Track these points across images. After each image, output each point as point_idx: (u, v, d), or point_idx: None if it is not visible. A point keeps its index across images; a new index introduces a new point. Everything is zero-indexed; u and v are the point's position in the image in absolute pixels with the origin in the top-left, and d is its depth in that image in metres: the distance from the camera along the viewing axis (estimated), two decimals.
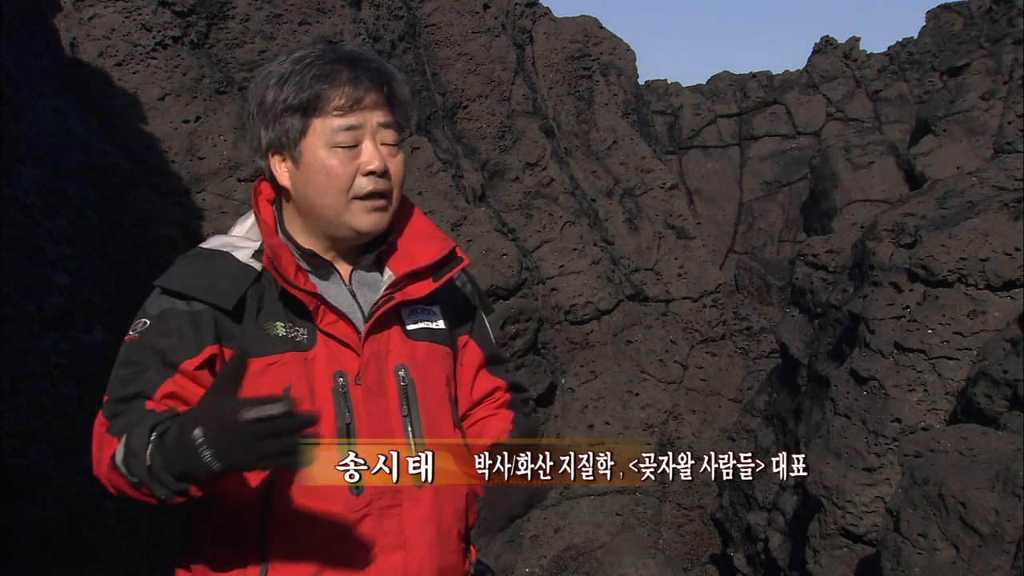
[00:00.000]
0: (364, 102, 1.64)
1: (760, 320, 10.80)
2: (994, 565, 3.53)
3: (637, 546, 8.27)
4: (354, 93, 1.63)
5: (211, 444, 1.38)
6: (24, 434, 3.32)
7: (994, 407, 4.54)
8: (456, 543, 1.72)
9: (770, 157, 17.51)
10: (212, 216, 6.15)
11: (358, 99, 1.63)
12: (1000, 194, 5.61)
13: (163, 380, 1.56)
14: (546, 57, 11.20)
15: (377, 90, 1.66)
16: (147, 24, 6.42)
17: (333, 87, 1.62)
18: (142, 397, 1.55)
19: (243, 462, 1.38)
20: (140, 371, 1.57)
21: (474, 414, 1.87)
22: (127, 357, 1.59)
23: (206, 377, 1.58)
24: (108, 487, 1.55)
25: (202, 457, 1.38)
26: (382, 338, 1.68)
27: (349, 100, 1.63)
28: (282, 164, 1.68)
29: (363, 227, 1.67)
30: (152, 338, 1.58)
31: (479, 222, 8.06)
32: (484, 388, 1.87)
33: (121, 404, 1.56)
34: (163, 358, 1.56)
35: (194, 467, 1.40)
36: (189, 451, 1.39)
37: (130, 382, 1.57)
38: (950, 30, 15.99)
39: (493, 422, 1.82)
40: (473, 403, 1.86)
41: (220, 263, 1.64)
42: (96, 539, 3.58)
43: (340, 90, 1.62)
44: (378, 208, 1.67)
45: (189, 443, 1.39)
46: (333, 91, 1.62)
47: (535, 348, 8.48)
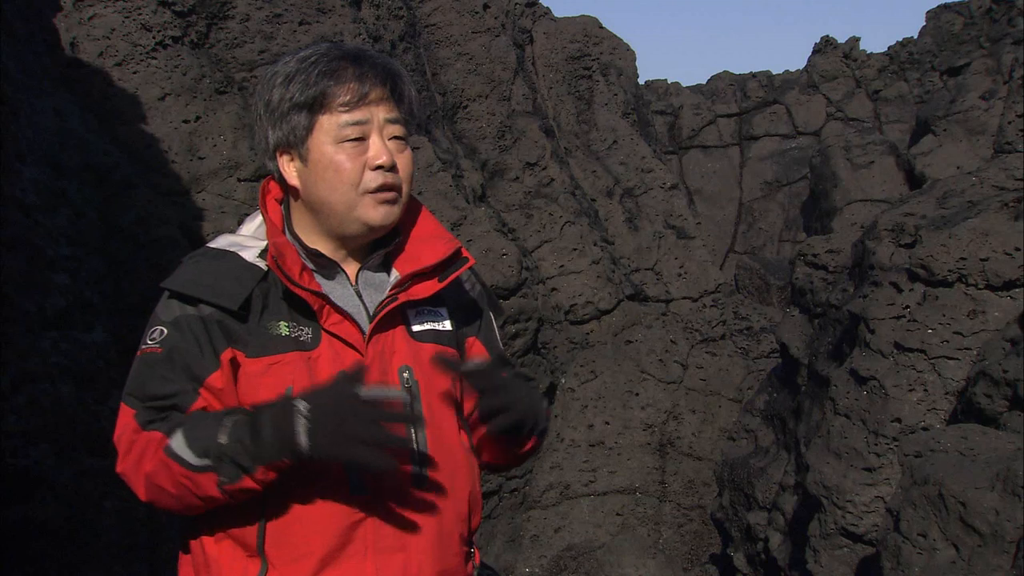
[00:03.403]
0: (370, 97, 1.64)
1: (760, 320, 10.79)
2: (994, 565, 3.52)
3: (637, 546, 8.27)
4: (360, 89, 1.63)
5: (315, 419, 1.43)
6: (24, 434, 3.32)
7: (994, 407, 4.54)
8: (457, 546, 1.72)
9: (770, 157, 17.51)
10: (212, 216, 6.15)
11: (364, 94, 1.64)
12: (1000, 194, 5.61)
13: (195, 397, 1.57)
14: (546, 57, 11.20)
15: (382, 85, 1.66)
16: (147, 24, 6.42)
17: (339, 83, 1.63)
18: (178, 409, 1.57)
19: (343, 443, 1.42)
20: (170, 383, 1.58)
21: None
22: (152, 369, 1.59)
23: (229, 389, 1.60)
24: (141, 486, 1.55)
25: (296, 430, 1.43)
26: (387, 339, 1.68)
27: (355, 96, 1.63)
28: (291, 163, 1.68)
29: (374, 220, 1.67)
30: (173, 349, 1.59)
31: (479, 222, 8.06)
32: None
33: (156, 412, 1.57)
34: (188, 372, 1.58)
35: (282, 444, 1.44)
36: (286, 425, 1.44)
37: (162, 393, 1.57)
38: (950, 30, 15.99)
39: None
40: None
41: (226, 263, 1.64)
42: (96, 539, 3.57)
43: (346, 86, 1.63)
44: (388, 201, 1.67)
45: (288, 415, 1.45)
46: (339, 87, 1.63)
47: (535, 348, 8.48)
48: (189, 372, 1.57)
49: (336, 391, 1.47)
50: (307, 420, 1.44)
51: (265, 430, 1.46)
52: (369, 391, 1.45)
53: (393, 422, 1.45)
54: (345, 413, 1.43)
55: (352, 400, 1.44)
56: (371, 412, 1.44)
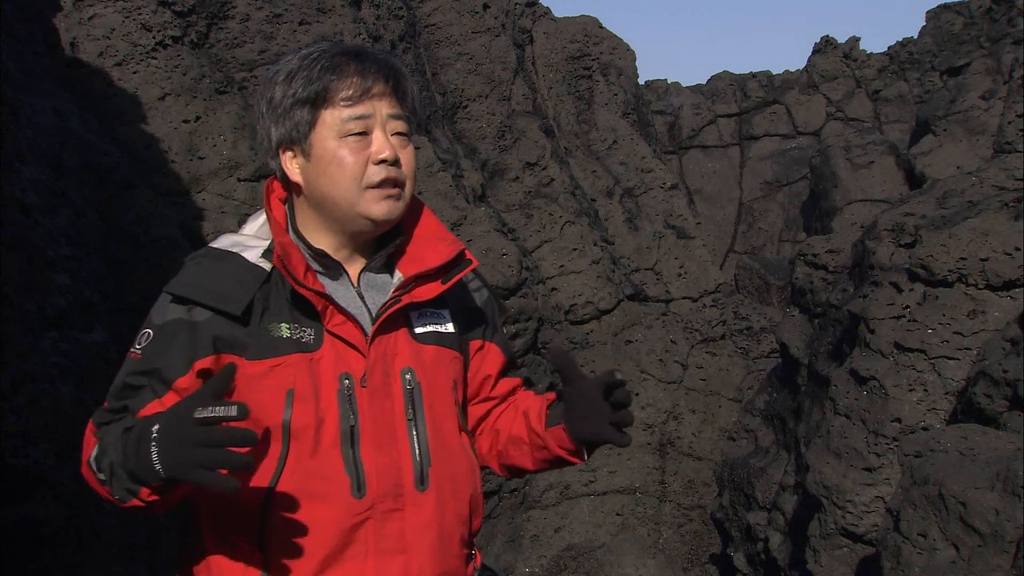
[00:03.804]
0: (372, 92, 1.64)
1: (760, 320, 10.79)
2: (994, 565, 3.52)
3: (637, 546, 8.27)
4: (362, 83, 1.63)
5: (160, 443, 1.41)
6: (24, 434, 3.31)
7: (994, 407, 4.54)
8: (458, 548, 1.71)
9: (770, 157, 17.51)
10: (212, 216, 6.15)
11: (366, 89, 1.64)
12: (1000, 194, 5.61)
13: (153, 399, 1.59)
14: (546, 57, 11.20)
15: (385, 81, 1.66)
16: (147, 24, 6.42)
17: (341, 78, 1.63)
18: (130, 412, 1.60)
19: (184, 464, 1.38)
20: (134, 391, 1.61)
21: (496, 411, 1.88)
22: (126, 377, 1.63)
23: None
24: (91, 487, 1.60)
25: (150, 454, 1.42)
26: (389, 340, 1.68)
27: (358, 90, 1.63)
28: (293, 160, 1.68)
29: (377, 215, 1.66)
30: (151, 356, 1.61)
31: (479, 222, 8.06)
32: (505, 388, 1.88)
33: (110, 413, 1.62)
34: (159, 376, 1.60)
35: (141, 465, 1.44)
36: (143, 447, 1.43)
37: (123, 398, 1.62)
38: (950, 30, 15.99)
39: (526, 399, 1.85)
40: (496, 400, 1.88)
41: (229, 264, 1.64)
42: (96, 539, 3.57)
43: (348, 80, 1.63)
44: (391, 196, 1.66)
45: (145, 439, 1.43)
46: (341, 82, 1.63)
47: (535, 348, 8.48)
48: (158, 375, 1.60)
49: (177, 412, 1.42)
50: (155, 444, 1.41)
51: (130, 454, 1.46)
52: (203, 411, 1.37)
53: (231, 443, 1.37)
54: (183, 435, 1.38)
55: (187, 422, 1.38)
56: (206, 433, 1.37)
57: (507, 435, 1.81)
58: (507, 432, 1.82)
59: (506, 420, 1.84)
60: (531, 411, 1.78)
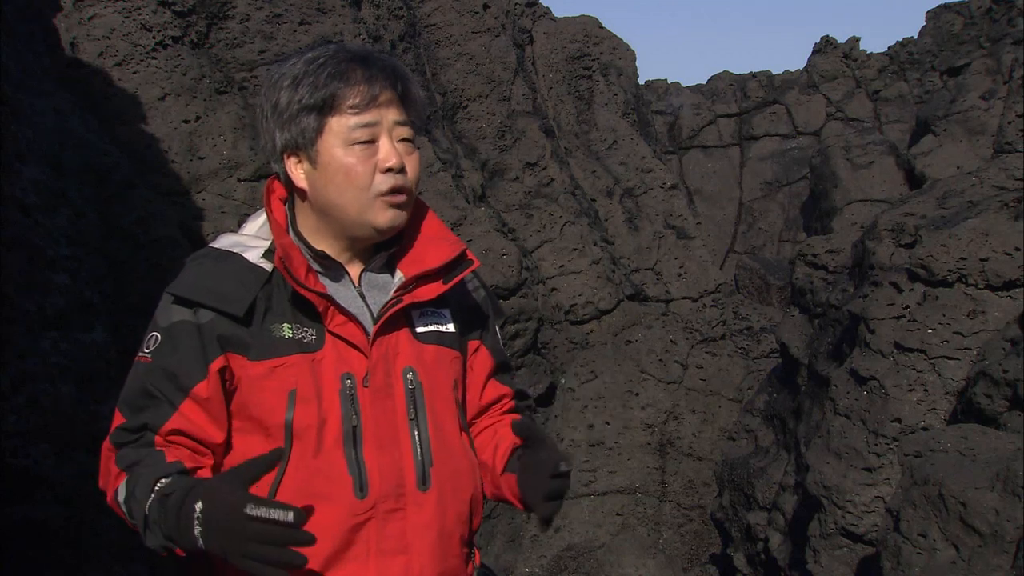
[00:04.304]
0: (379, 99, 1.64)
1: (760, 320, 10.79)
2: (994, 565, 3.52)
3: (637, 546, 8.26)
4: (369, 91, 1.63)
5: (206, 523, 1.40)
6: (24, 434, 3.31)
7: (994, 407, 4.54)
8: (458, 548, 1.72)
9: (770, 157, 17.50)
10: (212, 216, 6.15)
11: (373, 97, 1.63)
12: (1000, 194, 5.61)
13: (171, 413, 1.58)
14: (546, 57, 11.20)
15: (392, 88, 1.66)
16: (147, 24, 6.42)
17: (348, 85, 1.62)
18: (150, 430, 1.58)
19: (229, 551, 1.38)
20: (151, 401, 1.59)
21: (480, 421, 1.88)
22: (140, 383, 1.60)
23: (217, 399, 1.60)
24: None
25: (193, 530, 1.41)
26: (391, 340, 1.68)
27: (365, 98, 1.62)
28: (298, 165, 1.67)
29: (383, 224, 1.66)
30: (163, 360, 1.59)
31: (479, 222, 8.06)
32: (492, 395, 1.88)
33: (129, 433, 1.59)
34: (175, 382, 1.58)
35: (183, 537, 1.43)
36: (185, 521, 1.42)
37: (140, 410, 1.59)
38: (950, 30, 15.99)
39: (504, 430, 1.83)
40: (480, 409, 1.87)
41: (230, 265, 1.64)
42: (96, 539, 3.57)
43: (355, 88, 1.62)
44: (398, 204, 1.67)
45: (187, 513, 1.42)
46: (349, 89, 1.62)
47: (535, 348, 8.48)
48: (175, 382, 1.58)
49: (227, 501, 1.39)
50: (199, 525, 1.41)
51: (171, 524, 1.45)
52: (256, 509, 1.35)
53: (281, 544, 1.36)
54: (234, 528, 1.37)
55: (239, 517, 1.36)
56: (265, 532, 1.35)
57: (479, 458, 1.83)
58: (479, 455, 1.83)
59: (483, 441, 1.84)
60: (500, 447, 1.79)
